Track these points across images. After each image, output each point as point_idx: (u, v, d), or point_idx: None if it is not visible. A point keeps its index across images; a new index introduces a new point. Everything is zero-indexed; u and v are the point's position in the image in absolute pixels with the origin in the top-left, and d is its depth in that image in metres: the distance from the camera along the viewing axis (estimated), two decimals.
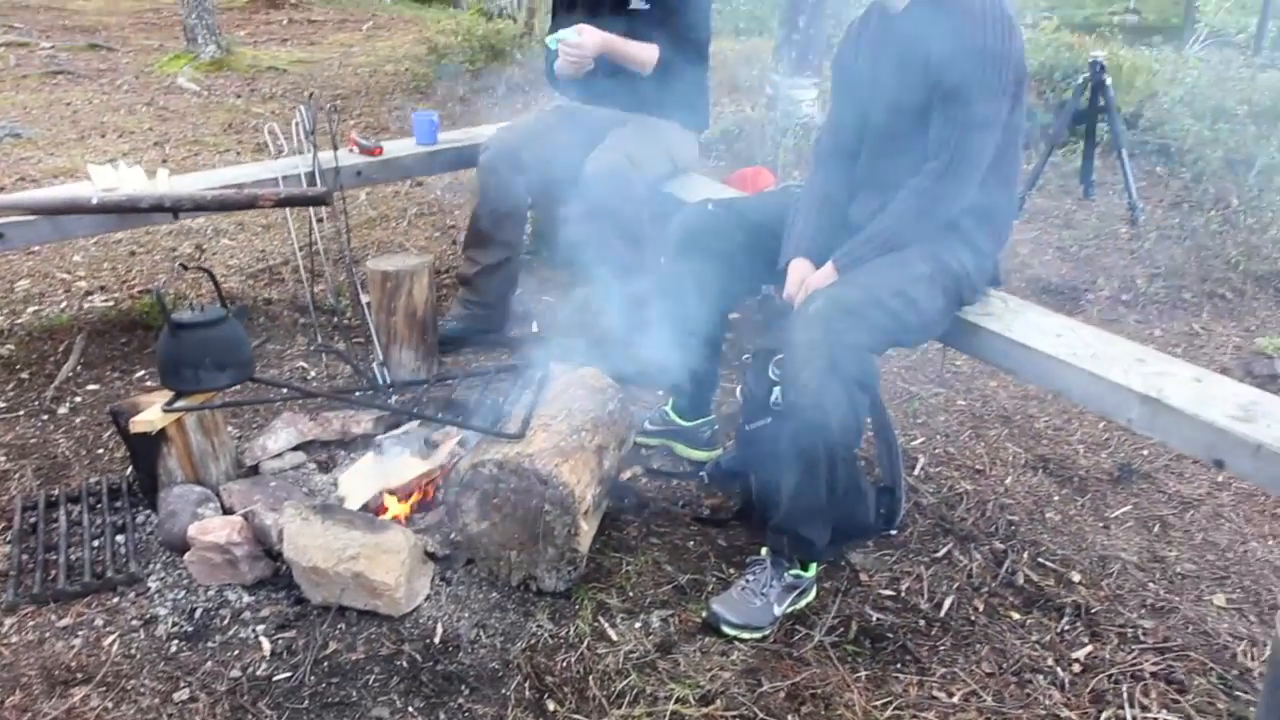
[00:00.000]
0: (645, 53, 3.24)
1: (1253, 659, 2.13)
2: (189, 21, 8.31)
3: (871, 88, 2.42)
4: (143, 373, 3.28)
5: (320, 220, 3.47)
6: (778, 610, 2.19)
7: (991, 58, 2.16)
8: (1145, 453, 2.95)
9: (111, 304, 3.74)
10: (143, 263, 4.14)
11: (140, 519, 2.49)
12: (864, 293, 2.18)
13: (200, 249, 4.18)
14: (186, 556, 2.26)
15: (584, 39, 3.18)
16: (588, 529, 2.23)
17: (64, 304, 3.77)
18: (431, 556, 2.29)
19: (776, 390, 2.42)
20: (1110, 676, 2.08)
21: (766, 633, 2.16)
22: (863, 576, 2.39)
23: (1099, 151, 4.87)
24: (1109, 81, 4.52)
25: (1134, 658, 2.13)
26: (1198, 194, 4.77)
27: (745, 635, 2.14)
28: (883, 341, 2.23)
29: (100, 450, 2.86)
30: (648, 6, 3.27)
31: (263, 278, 4.05)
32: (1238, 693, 2.04)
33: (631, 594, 2.27)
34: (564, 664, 2.06)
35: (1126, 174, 4.49)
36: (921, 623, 2.24)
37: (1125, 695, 2.03)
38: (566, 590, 2.24)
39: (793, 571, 2.23)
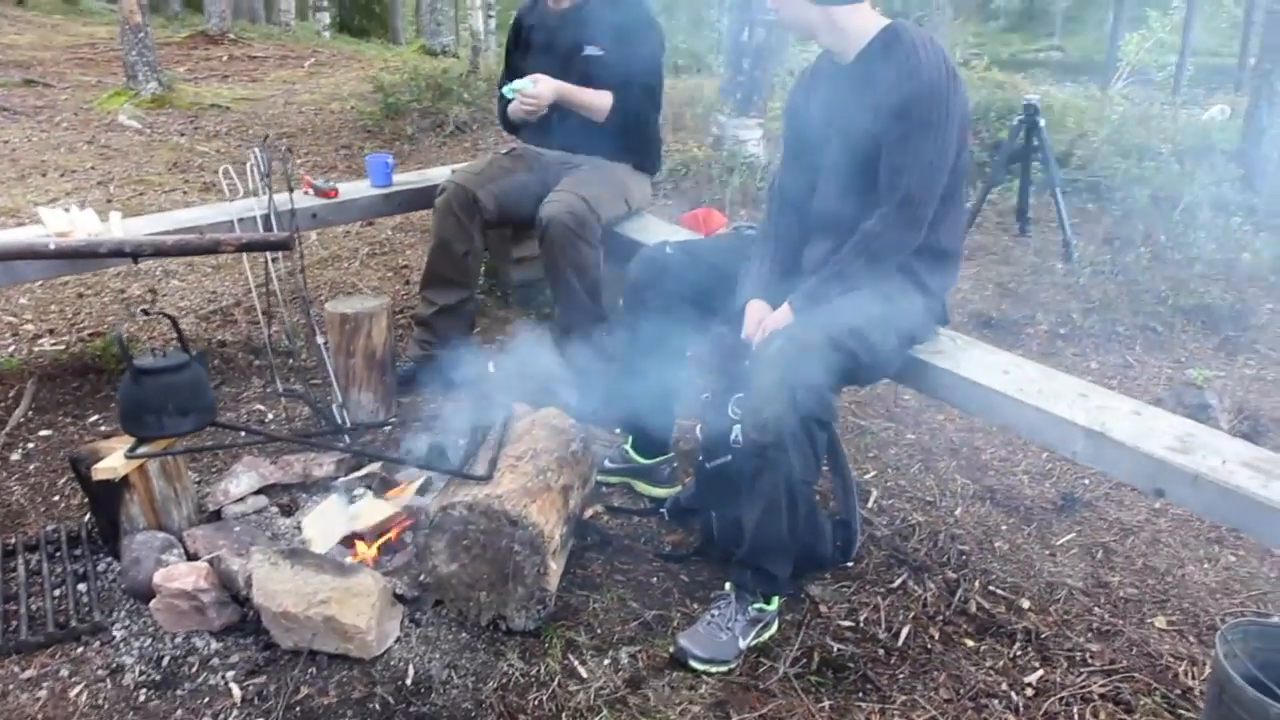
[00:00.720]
0: (599, 100, 3.33)
1: (1193, 678, 2.23)
2: (129, 58, 8.25)
3: (823, 134, 2.52)
4: (96, 417, 3.25)
5: (274, 260, 3.47)
6: (743, 643, 2.24)
7: (938, 107, 2.27)
8: (1086, 482, 3.07)
9: (62, 347, 3.70)
10: (91, 305, 4.10)
11: (101, 567, 2.47)
12: (822, 333, 2.26)
13: (154, 292, 4.15)
14: (152, 604, 2.25)
15: (540, 89, 3.26)
16: (556, 568, 2.27)
17: (12, 348, 3.72)
18: (400, 599, 2.31)
19: (736, 428, 2.48)
20: (1061, 699, 2.16)
21: (733, 666, 2.21)
22: (822, 608, 2.45)
23: (1033, 190, 5.05)
24: (1043, 123, 4.71)
25: (1083, 680, 2.22)
26: (1127, 230, 4.96)
27: (712, 669, 2.19)
28: (840, 380, 2.31)
29: (56, 497, 2.83)
30: (601, 53, 3.37)
31: (215, 319, 4.03)
32: (1181, 711, 2.13)
33: (599, 631, 2.31)
34: (536, 702, 2.09)
35: (1060, 212, 4.67)
36: (881, 652, 2.31)
37: (1076, 717, 2.12)
38: (536, 629, 2.27)
39: (756, 605, 2.29)
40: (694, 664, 2.19)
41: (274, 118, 7.84)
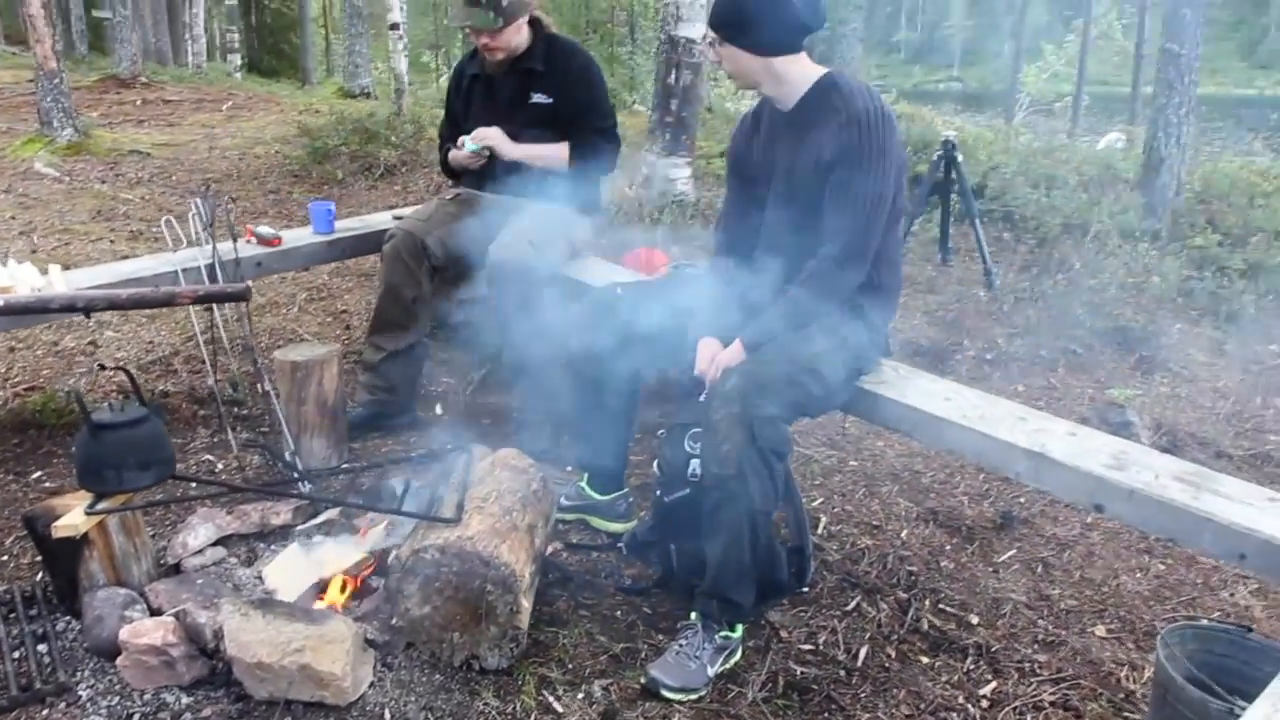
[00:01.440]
0: (559, 152, 3.44)
1: (1134, 682, 2.37)
2: (44, 104, 8.07)
3: (766, 178, 2.64)
4: (40, 474, 3.19)
5: (208, 310, 3.45)
6: (711, 671, 2.31)
7: (876, 151, 2.40)
8: (1022, 500, 3.22)
9: None
10: (24, 359, 4.02)
11: (61, 626, 2.43)
12: (775, 369, 2.36)
13: (94, 344, 4.09)
14: (119, 661, 2.23)
15: (501, 151, 3.37)
16: (528, 606, 2.32)
17: None
18: (371, 644, 2.33)
19: (694, 462, 2.56)
20: (1015, 709, 2.27)
21: (703, 693, 2.28)
22: (783, 633, 2.54)
23: (952, 221, 5.28)
24: (960, 157, 4.94)
25: (1034, 690, 2.34)
26: (1043, 258, 5.22)
27: (684, 697, 2.25)
28: (794, 413, 2.42)
29: (5, 557, 2.78)
30: (550, 101, 3.46)
31: (154, 369, 3.98)
32: (1126, 713, 2.27)
33: (570, 666, 2.36)
34: None
35: (980, 242, 4.89)
36: (842, 673, 2.40)
37: None
38: (509, 667, 2.31)
39: (722, 633, 2.36)
40: (666, 693, 2.25)
41: (197, 163, 7.75)
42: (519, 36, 3.45)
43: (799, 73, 2.53)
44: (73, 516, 2.36)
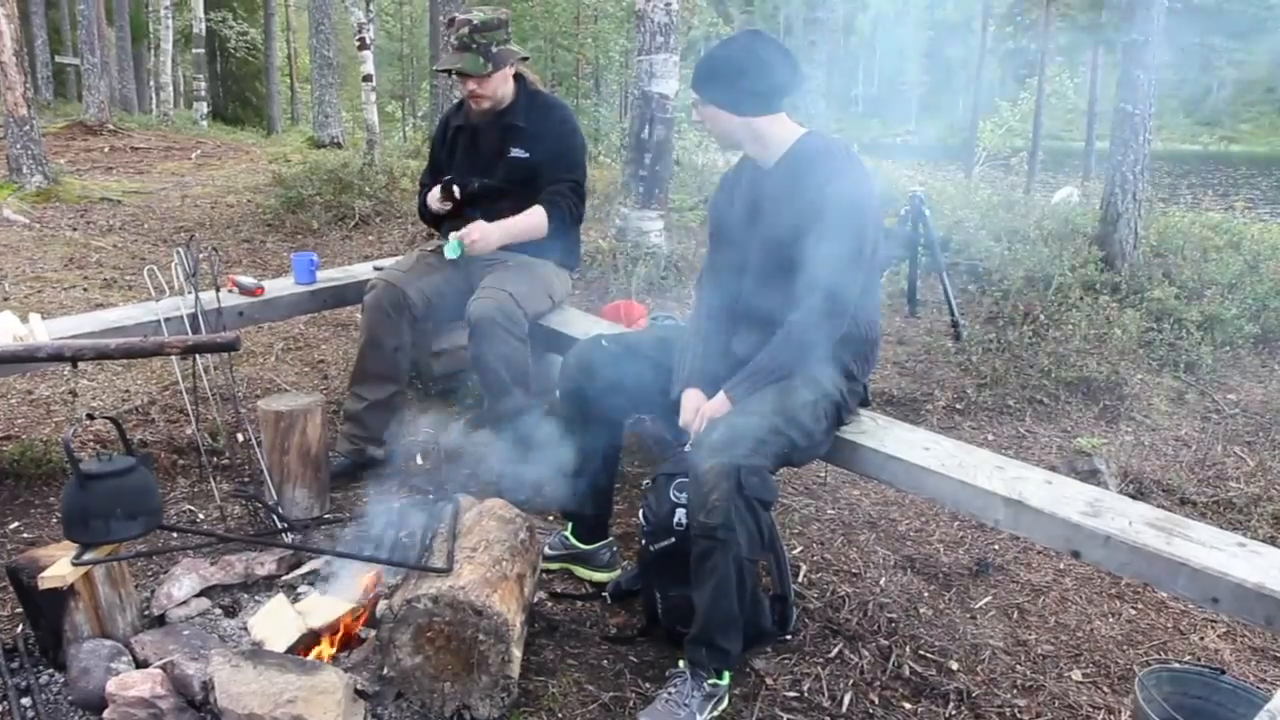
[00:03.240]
0: (536, 221, 3.51)
1: None
2: (13, 151, 8.06)
3: (747, 233, 2.72)
4: (17, 524, 3.16)
5: (200, 359, 3.47)
6: (700, 718, 2.34)
7: (855, 208, 2.49)
8: (996, 547, 3.29)
9: None
10: None
11: (44, 679, 2.41)
12: (760, 420, 2.42)
13: (73, 393, 4.07)
14: (105, 714, 2.21)
15: (485, 241, 3.45)
16: (519, 655, 2.34)
17: None
18: (362, 694, 2.33)
19: (680, 512, 2.60)
20: None
21: None
22: (768, 680, 2.57)
23: (920, 274, 5.41)
24: (928, 212, 5.08)
25: None
26: (1008, 310, 5.35)
27: None
28: (778, 463, 2.47)
29: None
30: (527, 155, 3.54)
31: (131, 418, 3.97)
32: None
33: (561, 715, 2.37)
34: None
35: (948, 294, 5.02)
36: (827, 719, 2.43)
37: None
38: (500, 717, 2.32)
39: (710, 680, 2.39)
40: None
41: (169, 212, 7.75)
42: (505, 86, 3.54)
43: (779, 132, 2.62)
44: (59, 567, 2.35)
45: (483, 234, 3.45)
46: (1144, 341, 5.10)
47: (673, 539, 2.64)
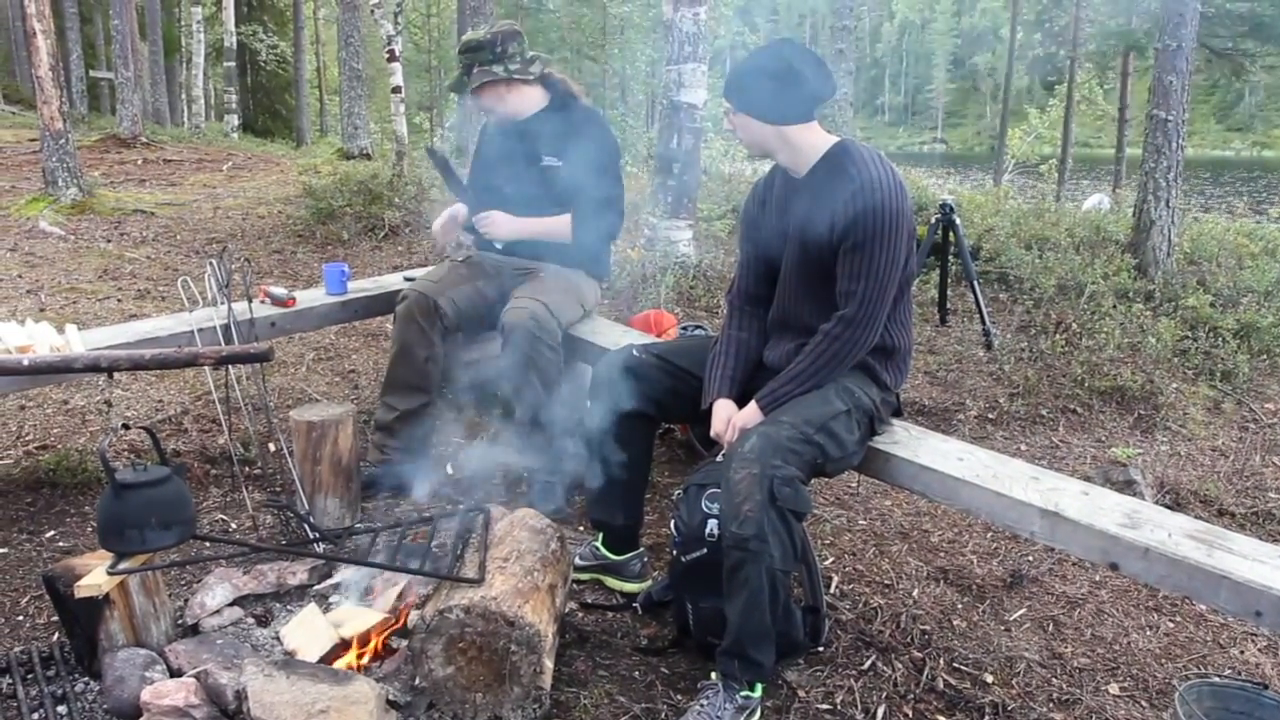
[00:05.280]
0: (559, 226, 3.52)
1: None
2: (49, 164, 8.17)
3: (779, 243, 2.71)
4: (53, 533, 3.20)
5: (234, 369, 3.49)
6: None
7: (889, 216, 2.47)
8: (1030, 558, 3.25)
9: (11, 462, 3.63)
10: (35, 418, 4.04)
11: (79, 687, 2.43)
12: (793, 430, 2.41)
13: (108, 403, 4.11)
14: None
15: (496, 228, 3.53)
16: (550, 666, 2.33)
17: None
18: (394, 705, 2.33)
19: (712, 523, 2.59)
20: None
21: None
22: (800, 693, 2.55)
23: (950, 282, 5.37)
24: (958, 220, 5.04)
25: None
26: (1040, 318, 5.30)
27: None
28: (811, 473, 2.46)
29: (20, 617, 2.78)
30: (559, 163, 3.54)
31: (164, 428, 4.00)
32: None
33: None
34: None
35: (979, 303, 4.98)
36: None
37: None
38: None
39: (743, 693, 2.38)
40: None
41: (201, 223, 7.83)
42: (523, 101, 3.56)
43: (811, 141, 2.61)
44: (95, 576, 2.37)
45: (495, 223, 3.58)
46: (1179, 350, 5.03)
47: (704, 550, 2.63)
